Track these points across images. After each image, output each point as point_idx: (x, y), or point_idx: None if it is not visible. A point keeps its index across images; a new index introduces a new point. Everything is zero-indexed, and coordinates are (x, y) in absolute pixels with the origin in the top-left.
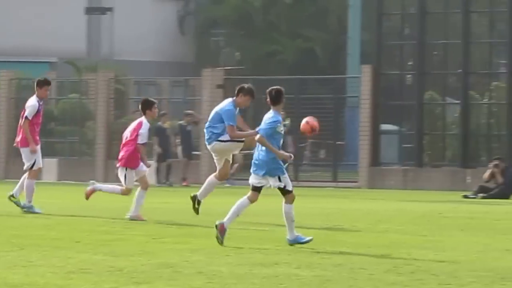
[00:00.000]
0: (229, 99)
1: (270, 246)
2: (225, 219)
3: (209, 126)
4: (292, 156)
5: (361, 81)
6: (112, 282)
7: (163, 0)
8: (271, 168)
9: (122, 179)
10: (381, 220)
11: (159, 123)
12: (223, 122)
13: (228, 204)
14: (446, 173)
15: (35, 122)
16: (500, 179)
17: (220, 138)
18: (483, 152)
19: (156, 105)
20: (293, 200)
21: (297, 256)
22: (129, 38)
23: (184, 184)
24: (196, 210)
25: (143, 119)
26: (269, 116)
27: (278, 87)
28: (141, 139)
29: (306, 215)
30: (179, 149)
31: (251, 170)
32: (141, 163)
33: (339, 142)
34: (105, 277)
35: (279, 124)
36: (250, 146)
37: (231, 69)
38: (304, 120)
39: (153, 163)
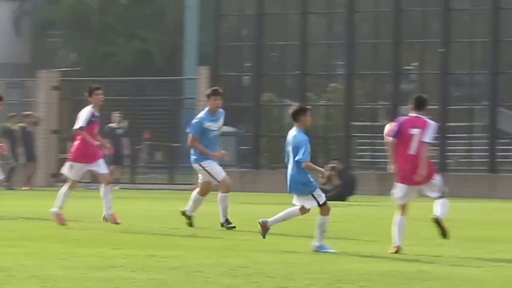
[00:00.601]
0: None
1: (106, 249)
2: (270, 219)
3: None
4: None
5: (198, 82)
6: None
7: None
8: (299, 186)
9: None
10: (218, 223)
11: (8, 124)
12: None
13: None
14: (283, 175)
15: None
16: (337, 181)
17: (202, 163)
18: (320, 153)
19: (98, 91)
20: (328, 212)
21: (133, 259)
22: None
23: (27, 187)
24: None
25: (89, 106)
26: (299, 138)
27: (300, 104)
28: (78, 123)
29: (142, 218)
30: (21, 151)
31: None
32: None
33: (175, 144)
34: None
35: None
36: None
37: (67, 70)
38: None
39: None
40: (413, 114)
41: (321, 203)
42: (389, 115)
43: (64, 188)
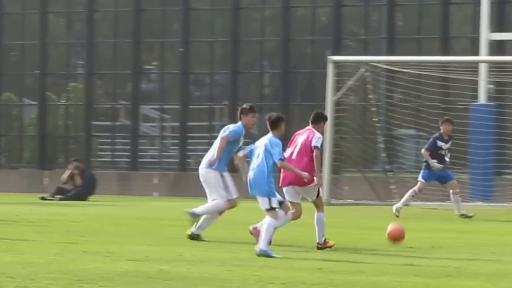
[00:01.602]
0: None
1: None
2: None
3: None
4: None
5: None
6: None
7: None
8: (262, 189)
9: None
10: None
11: None
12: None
13: None
14: (23, 175)
15: None
16: (78, 180)
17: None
18: (61, 153)
19: None
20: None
21: None
22: None
23: None
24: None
25: None
26: (274, 140)
27: (278, 114)
28: None
29: None
30: None
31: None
32: None
33: None
34: None
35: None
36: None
37: None
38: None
39: None
40: (307, 127)
41: (272, 206)
42: (130, 114)
43: None
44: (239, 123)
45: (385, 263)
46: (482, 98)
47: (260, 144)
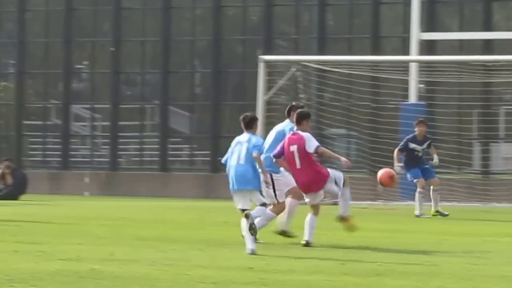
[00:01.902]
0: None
1: None
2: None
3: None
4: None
5: None
6: None
7: None
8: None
9: None
10: None
11: None
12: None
13: None
14: None
15: None
16: (9, 180)
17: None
18: None
19: None
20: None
21: None
22: None
23: None
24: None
25: None
26: (256, 136)
27: (252, 114)
28: None
29: None
30: None
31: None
32: None
33: None
34: None
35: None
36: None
37: None
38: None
39: None
40: (293, 130)
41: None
42: (61, 113)
43: None
44: (287, 120)
45: (316, 262)
46: (412, 98)
47: (240, 141)
